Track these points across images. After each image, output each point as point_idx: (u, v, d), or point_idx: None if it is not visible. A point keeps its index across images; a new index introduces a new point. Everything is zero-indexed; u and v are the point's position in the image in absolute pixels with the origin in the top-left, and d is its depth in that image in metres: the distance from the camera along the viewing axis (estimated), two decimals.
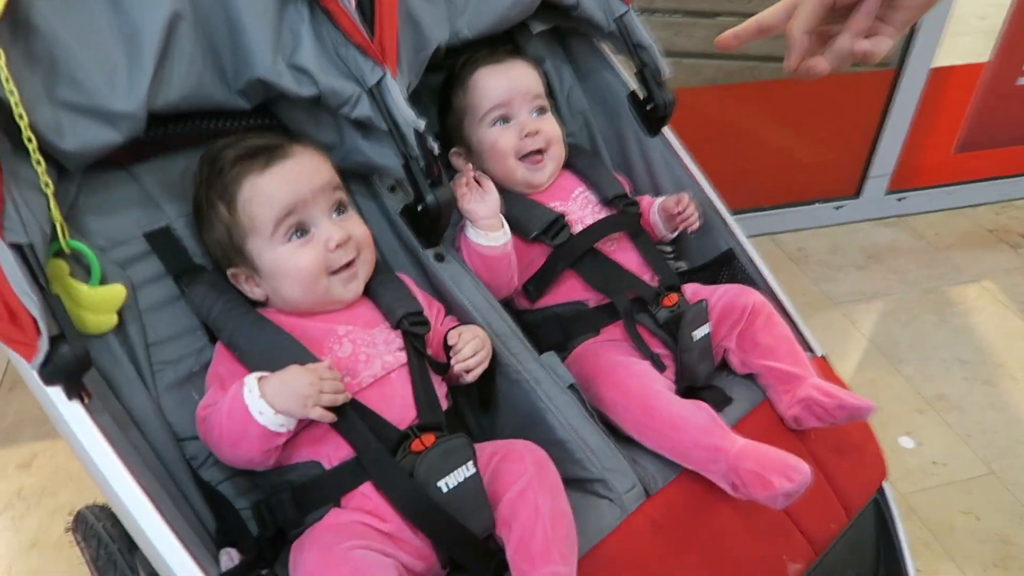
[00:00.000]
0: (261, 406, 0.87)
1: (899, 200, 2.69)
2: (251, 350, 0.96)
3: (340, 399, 0.91)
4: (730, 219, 1.36)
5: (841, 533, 1.14)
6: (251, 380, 0.89)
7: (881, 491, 1.23)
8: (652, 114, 1.37)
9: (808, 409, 1.12)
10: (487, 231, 1.15)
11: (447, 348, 1.05)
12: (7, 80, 0.81)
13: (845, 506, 1.14)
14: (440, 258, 1.13)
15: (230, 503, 1.00)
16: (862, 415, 1.11)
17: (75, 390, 0.83)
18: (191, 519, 0.95)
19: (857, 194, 2.65)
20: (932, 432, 1.89)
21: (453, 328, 1.07)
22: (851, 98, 2.44)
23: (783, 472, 0.99)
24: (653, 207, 1.36)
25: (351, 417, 0.93)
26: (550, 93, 1.36)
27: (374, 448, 0.93)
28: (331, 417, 0.90)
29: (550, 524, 0.89)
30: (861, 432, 1.21)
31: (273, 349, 0.96)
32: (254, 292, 1.02)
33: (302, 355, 0.95)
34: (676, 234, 1.37)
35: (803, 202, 2.62)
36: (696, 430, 1.06)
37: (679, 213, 1.30)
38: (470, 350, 1.03)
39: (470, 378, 1.05)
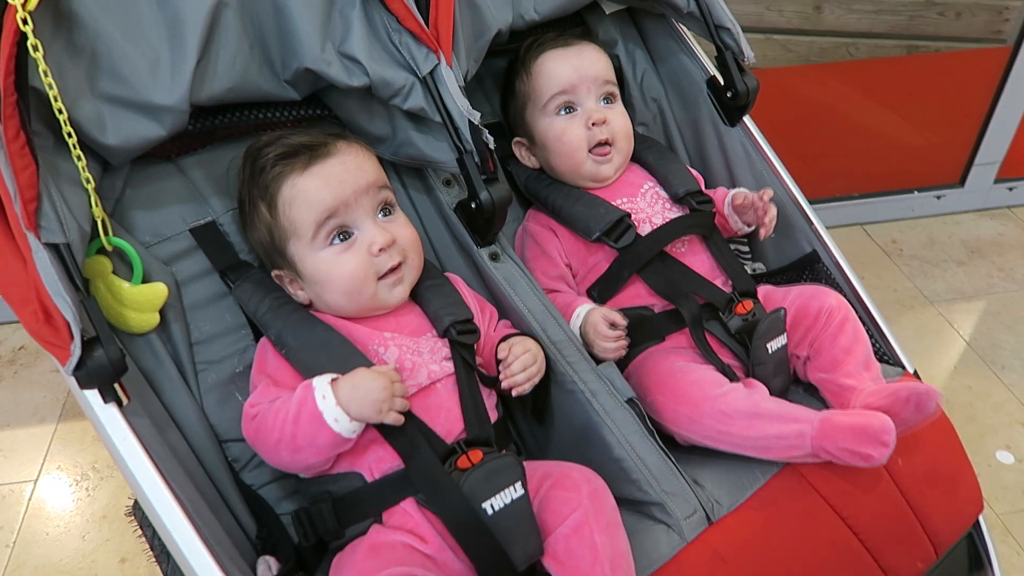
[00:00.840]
0: (337, 413, 0.84)
1: (1010, 190, 2.50)
2: (300, 348, 0.93)
3: (407, 404, 0.87)
4: (814, 217, 1.25)
5: (929, 571, 1.03)
6: (323, 386, 0.85)
7: (976, 525, 1.12)
8: (732, 102, 1.27)
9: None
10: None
11: (498, 360, 0.99)
12: (45, 74, 0.79)
13: (935, 543, 1.03)
14: (495, 258, 1.08)
15: (271, 508, 0.97)
16: (928, 403, 0.99)
17: (111, 393, 0.81)
18: (230, 524, 0.93)
19: (961, 182, 2.48)
20: None
21: (504, 340, 1.01)
22: (960, 78, 2.28)
23: (873, 440, 0.94)
24: (727, 199, 1.26)
25: (405, 425, 0.88)
26: (621, 82, 1.27)
27: (425, 458, 0.88)
28: (402, 420, 0.87)
29: (609, 567, 0.83)
30: (955, 459, 1.10)
31: (323, 348, 0.92)
32: (298, 295, 0.98)
33: (353, 355, 0.91)
34: (752, 229, 1.27)
35: (900, 190, 2.47)
36: (773, 422, 0.99)
37: (756, 208, 1.20)
38: (519, 366, 0.97)
39: (518, 392, 0.98)
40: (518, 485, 0.87)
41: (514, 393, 0.98)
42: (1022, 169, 2.47)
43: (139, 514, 1.26)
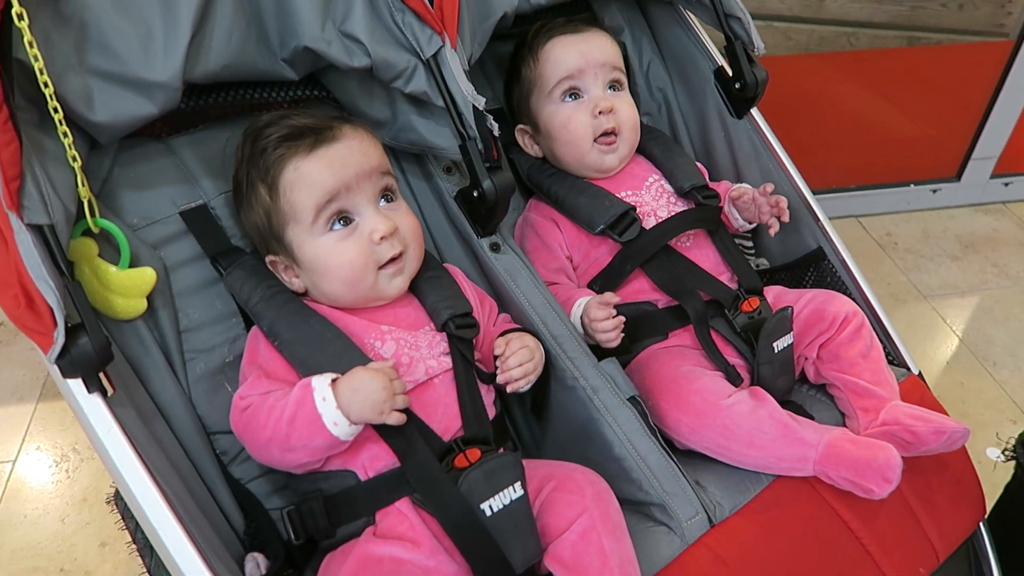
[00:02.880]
0: (337, 417, 0.81)
1: (1006, 185, 2.49)
2: (293, 340, 0.90)
3: (408, 401, 0.85)
4: (821, 214, 1.22)
5: None
6: (324, 387, 0.82)
7: (978, 530, 1.11)
8: (740, 94, 1.24)
9: (893, 435, 1.00)
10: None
11: (496, 356, 0.96)
12: (31, 44, 0.74)
13: (937, 549, 1.02)
14: (496, 248, 1.04)
15: (260, 503, 0.94)
16: (959, 441, 1.00)
17: (95, 383, 0.77)
18: (217, 518, 0.90)
19: (958, 176, 2.47)
20: None
21: (501, 335, 0.98)
22: (959, 71, 2.26)
23: (877, 476, 0.93)
24: (727, 195, 1.23)
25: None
26: (627, 71, 1.24)
27: (422, 456, 0.85)
28: (404, 419, 0.84)
29: (619, 573, 0.81)
30: (959, 463, 1.09)
31: (317, 341, 0.89)
32: (292, 283, 0.95)
33: (348, 349, 0.88)
34: (752, 226, 1.24)
35: (896, 183, 2.45)
36: (775, 442, 0.97)
37: (758, 205, 1.17)
38: (516, 361, 0.94)
39: (514, 388, 0.96)
40: (517, 485, 0.85)
41: (509, 389, 0.95)
42: (1019, 165, 2.46)
43: (121, 505, 1.23)
